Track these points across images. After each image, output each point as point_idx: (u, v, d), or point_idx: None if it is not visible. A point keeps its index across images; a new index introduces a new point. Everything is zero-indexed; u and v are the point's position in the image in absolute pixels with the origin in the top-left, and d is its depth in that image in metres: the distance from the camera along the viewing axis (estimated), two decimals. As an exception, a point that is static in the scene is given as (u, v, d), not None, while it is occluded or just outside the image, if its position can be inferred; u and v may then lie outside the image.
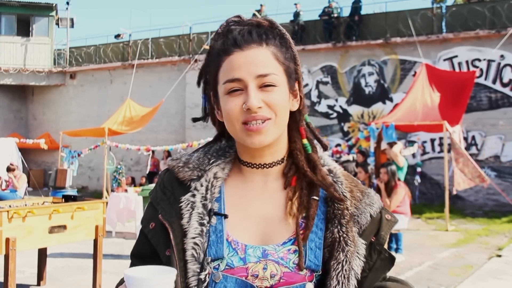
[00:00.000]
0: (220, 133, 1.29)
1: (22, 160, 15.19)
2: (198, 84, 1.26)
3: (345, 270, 1.14)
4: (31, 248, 5.75)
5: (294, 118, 1.23)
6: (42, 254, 6.62)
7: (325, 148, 1.28)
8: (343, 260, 1.14)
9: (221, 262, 1.13)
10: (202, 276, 1.12)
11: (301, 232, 1.14)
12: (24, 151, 17.57)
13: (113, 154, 16.02)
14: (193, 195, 1.18)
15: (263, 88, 1.13)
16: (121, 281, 1.10)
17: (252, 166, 1.22)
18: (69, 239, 5.93)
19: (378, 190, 8.07)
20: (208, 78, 1.21)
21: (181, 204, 1.17)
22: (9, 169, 12.23)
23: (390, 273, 1.28)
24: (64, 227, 5.73)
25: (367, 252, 1.18)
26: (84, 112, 22.32)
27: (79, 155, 15.99)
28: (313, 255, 1.15)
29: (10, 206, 5.71)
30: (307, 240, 1.15)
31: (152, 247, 1.19)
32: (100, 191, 17.28)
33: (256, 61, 1.13)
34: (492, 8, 15.48)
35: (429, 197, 15.20)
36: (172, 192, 1.21)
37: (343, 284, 1.13)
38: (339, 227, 1.16)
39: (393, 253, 8.69)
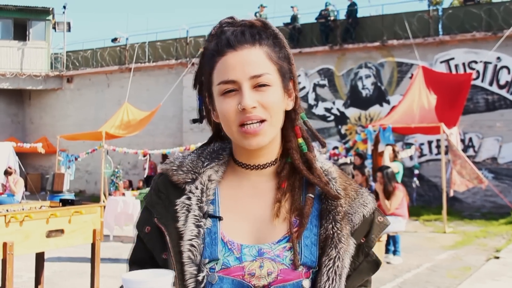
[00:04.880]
0: (215, 134, 1.30)
1: (19, 164, 15.15)
2: (194, 86, 1.26)
3: (337, 266, 1.14)
4: (28, 253, 5.73)
5: (290, 117, 1.23)
6: (40, 259, 6.59)
7: (323, 145, 1.27)
8: (335, 257, 1.14)
9: (216, 263, 1.14)
10: (199, 278, 1.13)
11: (295, 230, 1.15)
12: (21, 155, 17.53)
13: (111, 158, 16.00)
14: (189, 198, 1.18)
15: (257, 88, 1.13)
16: (121, 287, 1.10)
17: (247, 167, 1.23)
18: (66, 243, 5.91)
19: (375, 194, 8.08)
20: (203, 80, 1.22)
21: (176, 207, 1.18)
22: (6, 173, 12.20)
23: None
24: (62, 231, 5.71)
25: (355, 252, 1.19)
26: (81, 116, 22.29)
27: (76, 159, 15.96)
28: (308, 251, 1.16)
29: (7, 210, 5.69)
30: (302, 237, 1.16)
31: (149, 253, 1.20)
32: (97, 195, 17.25)
33: (250, 61, 1.13)
34: (488, 10, 15.53)
35: (426, 199, 15.21)
36: (166, 195, 1.21)
37: (334, 281, 1.14)
38: (333, 223, 1.17)
39: (390, 255, 8.58)
